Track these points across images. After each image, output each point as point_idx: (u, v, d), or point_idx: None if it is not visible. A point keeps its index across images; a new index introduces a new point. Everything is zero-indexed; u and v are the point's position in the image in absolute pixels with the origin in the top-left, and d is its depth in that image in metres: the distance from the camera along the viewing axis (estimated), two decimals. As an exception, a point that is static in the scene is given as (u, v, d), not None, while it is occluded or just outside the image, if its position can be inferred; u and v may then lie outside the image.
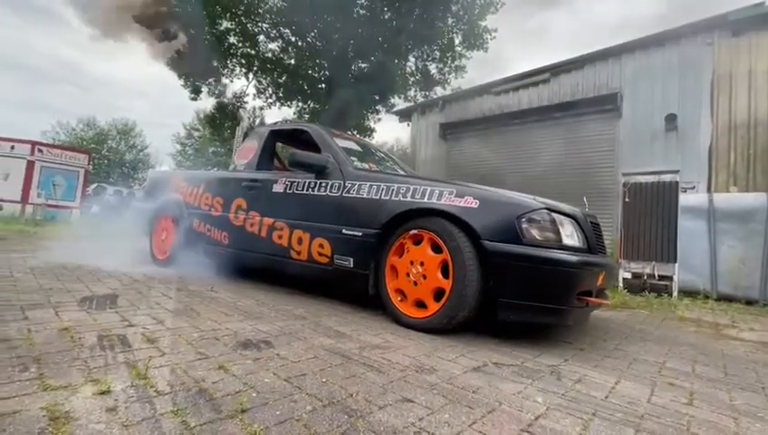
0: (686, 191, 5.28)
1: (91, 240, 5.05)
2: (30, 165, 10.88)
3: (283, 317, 2.12)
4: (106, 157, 32.94)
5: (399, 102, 11.73)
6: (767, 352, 2.32)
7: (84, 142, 31.04)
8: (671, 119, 5.82)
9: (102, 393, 1.05)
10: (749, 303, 4.48)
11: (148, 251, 3.81)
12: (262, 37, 11.66)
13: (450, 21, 10.69)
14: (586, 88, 6.86)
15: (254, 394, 1.13)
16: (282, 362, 1.41)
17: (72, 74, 60.20)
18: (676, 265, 4.78)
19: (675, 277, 4.75)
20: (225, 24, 10.79)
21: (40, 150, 11.21)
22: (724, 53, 5.59)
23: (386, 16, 10.36)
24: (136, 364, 1.27)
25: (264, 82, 12.37)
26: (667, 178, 5.03)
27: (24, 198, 10.67)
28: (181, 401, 1.05)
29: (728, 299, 4.60)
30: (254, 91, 12.55)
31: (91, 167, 13.00)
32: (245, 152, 3.51)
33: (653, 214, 4.98)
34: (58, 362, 1.25)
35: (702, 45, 5.75)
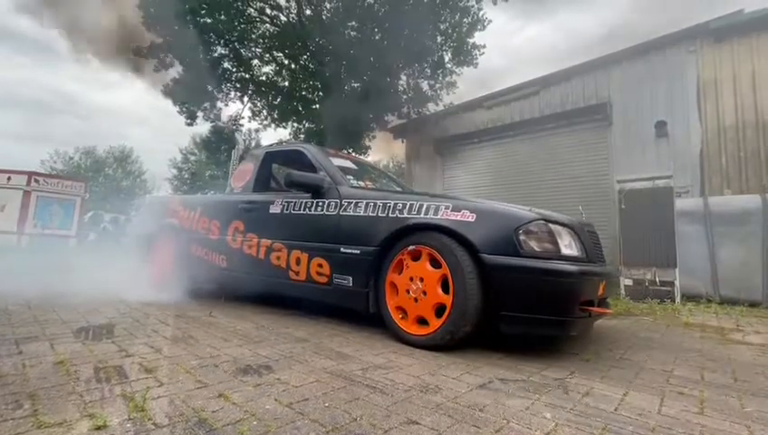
0: (680, 196, 5.32)
1: (87, 269, 5.00)
2: (26, 195, 10.88)
3: (284, 340, 2.09)
4: (103, 184, 32.99)
5: (393, 119, 11.87)
6: (775, 356, 2.29)
7: (82, 171, 31.16)
8: (661, 125, 5.91)
9: (98, 429, 1.02)
10: (752, 305, 4.45)
11: (145, 277, 3.76)
12: (255, 61, 11.88)
13: (439, 39, 10.94)
14: (576, 98, 6.98)
15: (254, 422, 1.10)
16: (283, 388, 1.38)
17: (72, 106, 61.10)
18: (677, 269, 4.77)
19: (676, 282, 4.74)
20: (220, 51, 10.99)
21: (36, 180, 11.23)
22: (707, 60, 5.72)
23: (376, 37, 10.60)
24: (133, 396, 1.24)
25: (258, 104, 12.53)
26: (661, 183, 5.08)
27: (21, 229, 10.62)
28: (180, 433, 1.02)
29: (731, 302, 4.57)
30: (249, 113, 12.71)
31: (87, 195, 13.00)
32: (242, 175, 3.53)
33: (650, 219, 5.00)
34: (53, 397, 1.21)
35: (686, 53, 5.90)
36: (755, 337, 2.84)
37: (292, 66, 11.69)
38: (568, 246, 2.00)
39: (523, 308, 1.89)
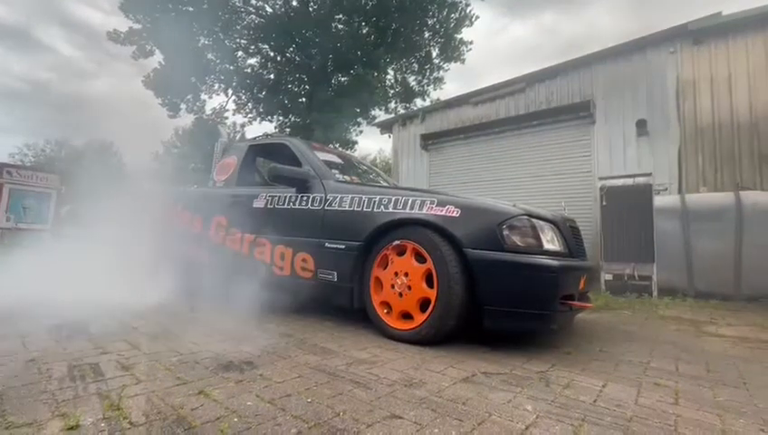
0: (659, 193, 5.46)
1: (64, 264, 4.84)
2: (-2, 188, 10.46)
3: (267, 336, 2.06)
4: (81, 177, 31.96)
5: (380, 114, 11.85)
6: (746, 348, 2.38)
7: (56, 163, 30.13)
8: (641, 124, 6.04)
9: (71, 429, 0.99)
10: (725, 299, 4.62)
11: (125, 274, 3.66)
12: (240, 53, 11.65)
13: (427, 34, 10.94)
14: (560, 96, 7.07)
15: (235, 419, 1.08)
16: (265, 384, 1.37)
17: (47, 95, 58.65)
18: (654, 265, 4.91)
19: (654, 277, 4.88)
20: (203, 41, 10.73)
21: (9, 172, 10.80)
22: (686, 61, 5.86)
23: (364, 31, 10.53)
24: (109, 394, 1.21)
25: (243, 97, 12.32)
26: (641, 181, 5.21)
27: (-8, 223, 10.21)
28: (157, 431, 1.00)
29: (705, 296, 4.73)
30: (233, 106, 12.49)
31: (63, 188, 12.57)
32: (225, 168, 3.45)
33: (630, 216, 5.12)
34: (23, 396, 1.17)
35: (666, 54, 6.03)
36: (728, 329, 2.94)
37: (278, 59, 11.52)
38: (550, 241, 2.03)
39: (506, 302, 1.91)
